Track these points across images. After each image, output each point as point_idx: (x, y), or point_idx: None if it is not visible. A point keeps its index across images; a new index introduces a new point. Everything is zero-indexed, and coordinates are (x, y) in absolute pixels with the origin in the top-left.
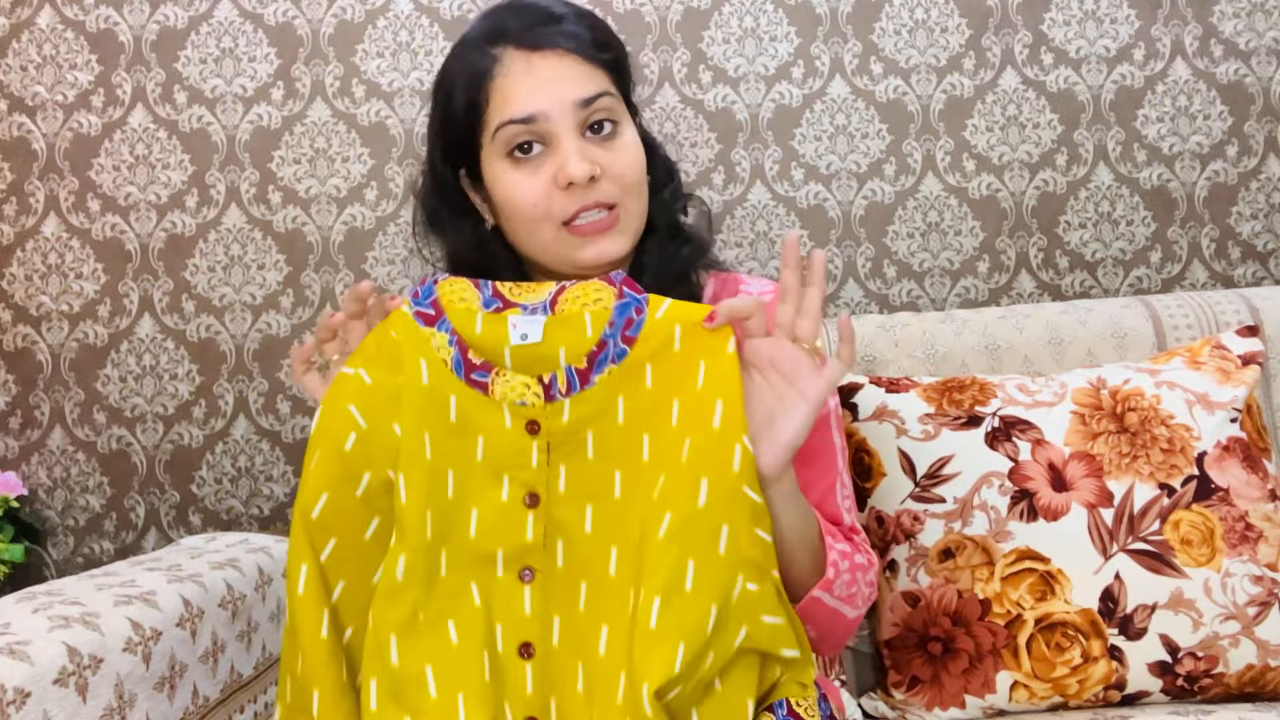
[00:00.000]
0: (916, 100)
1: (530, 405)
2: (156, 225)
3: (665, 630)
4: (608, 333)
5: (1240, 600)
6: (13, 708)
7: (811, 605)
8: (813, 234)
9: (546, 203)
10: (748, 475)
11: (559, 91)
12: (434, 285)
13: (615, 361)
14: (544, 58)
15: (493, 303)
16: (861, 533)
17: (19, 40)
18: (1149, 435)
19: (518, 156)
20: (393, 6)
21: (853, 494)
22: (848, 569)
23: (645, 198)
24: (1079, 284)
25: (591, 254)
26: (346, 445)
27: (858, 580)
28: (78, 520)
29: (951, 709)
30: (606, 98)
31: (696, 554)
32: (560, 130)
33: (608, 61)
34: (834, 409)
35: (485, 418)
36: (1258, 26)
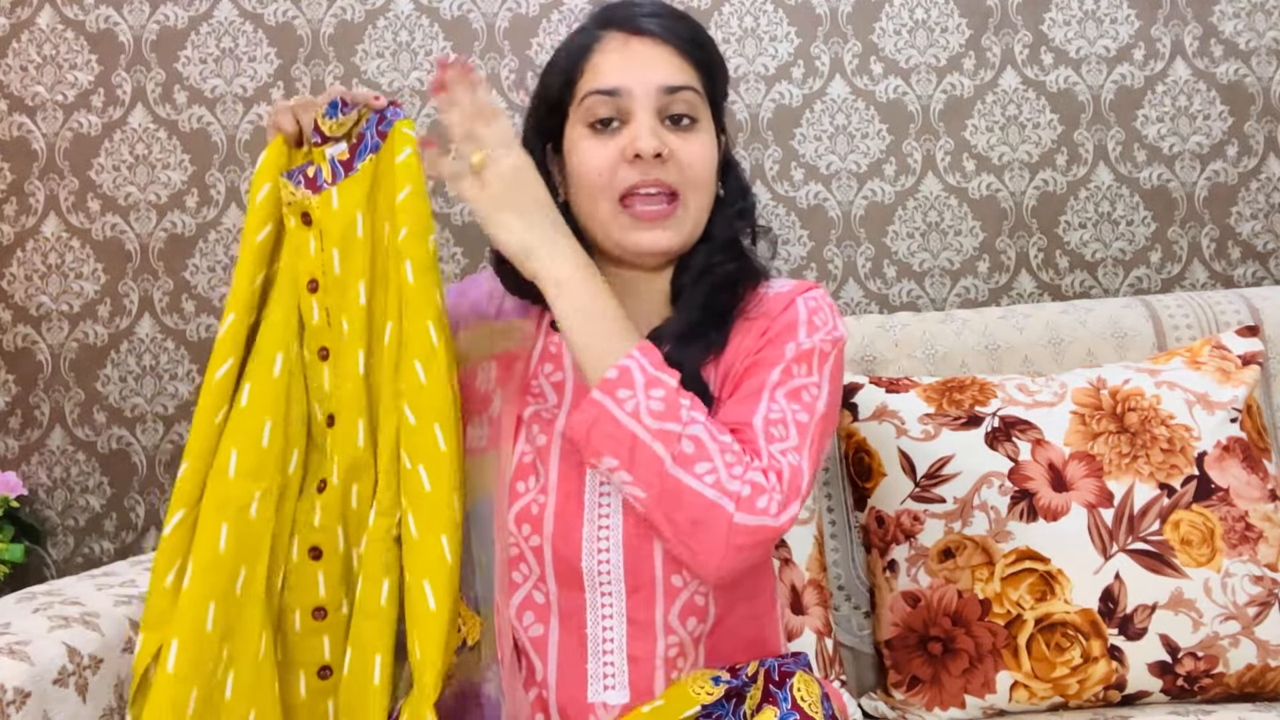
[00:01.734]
0: (916, 100)
1: (301, 199)
2: (156, 225)
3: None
4: (365, 127)
5: (1240, 600)
6: (13, 708)
7: (594, 414)
8: (813, 234)
9: (611, 173)
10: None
11: (647, 73)
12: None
13: (374, 151)
14: (641, 41)
15: (334, 114)
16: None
17: (19, 40)
18: (1149, 435)
19: (597, 128)
20: (393, 6)
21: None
22: (661, 399)
23: (708, 198)
24: (1079, 284)
25: (643, 240)
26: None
27: (692, 427)
28: (78, 520)
29: (951, 709)
30: (690, 92)
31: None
32: (639, 108)
33: (699, 60)
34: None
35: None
36: (1258, 26)
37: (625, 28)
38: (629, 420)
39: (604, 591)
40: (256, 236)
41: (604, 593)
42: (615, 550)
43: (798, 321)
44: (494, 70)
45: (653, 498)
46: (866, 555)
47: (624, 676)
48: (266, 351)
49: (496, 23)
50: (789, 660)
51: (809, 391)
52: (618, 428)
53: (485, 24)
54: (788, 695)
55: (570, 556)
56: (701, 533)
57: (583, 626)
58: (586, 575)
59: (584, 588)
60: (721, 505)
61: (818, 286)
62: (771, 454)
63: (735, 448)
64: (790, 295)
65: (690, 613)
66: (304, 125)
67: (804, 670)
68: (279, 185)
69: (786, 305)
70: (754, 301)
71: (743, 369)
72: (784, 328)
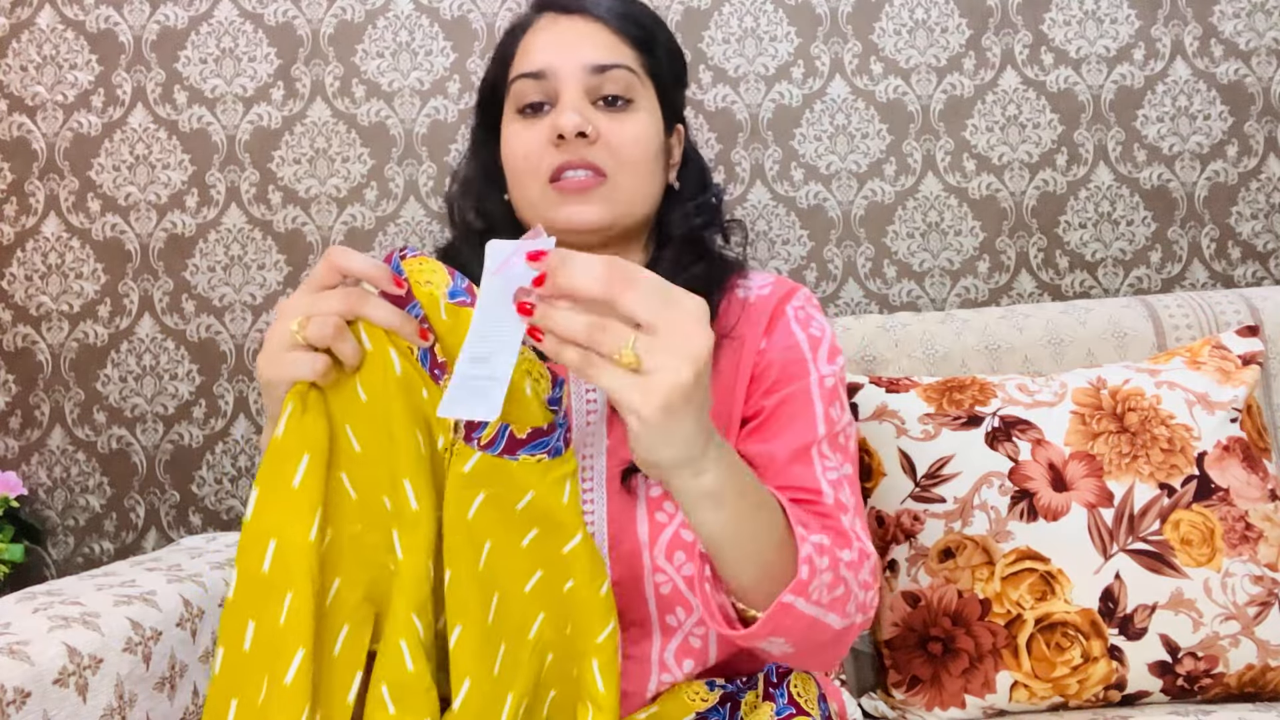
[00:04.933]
0: (916, 100)
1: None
2: (156, 225)
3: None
4: (560, 420)
5: (1240, 600)
6: (13, 708)
7: (782, 613)
8: (813, 234)
9: (538, 156)
10: None
11: (574, 52)
12: (400, 260)
13: (550, 455)
14: (571, 20)
15: (459, 294)
16: (850, 512)
17: (19, 40)
18: (1149, 435)
19: (527, 114)
20: (393, 6)
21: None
22: (828, 566)
23: (644, 183)
24: (1079, 284)
25: (565, 214)
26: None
27: (845, 580)
28: (78, 520)
29: (951, 709)
30: (623, 71)
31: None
32: (565, 89)
33: (636, 38)
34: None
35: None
36: (1258, 26)
37: (556, 7)
38: (813, 609)
39: None
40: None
41: None
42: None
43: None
44: None
45: (810, 649)
46: None
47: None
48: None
49: (497, 23)
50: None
51: (845, 433)
52: (801, 618)
53: (485, 24)
54: (784, 692)
55: None
56: (830, 650)
57: None
58: None
59: None
60: (854, 623)
61: (799, 287)
62: (858, 535)
63: (858, 563)
64: (772, 301)
65: (687, 654)
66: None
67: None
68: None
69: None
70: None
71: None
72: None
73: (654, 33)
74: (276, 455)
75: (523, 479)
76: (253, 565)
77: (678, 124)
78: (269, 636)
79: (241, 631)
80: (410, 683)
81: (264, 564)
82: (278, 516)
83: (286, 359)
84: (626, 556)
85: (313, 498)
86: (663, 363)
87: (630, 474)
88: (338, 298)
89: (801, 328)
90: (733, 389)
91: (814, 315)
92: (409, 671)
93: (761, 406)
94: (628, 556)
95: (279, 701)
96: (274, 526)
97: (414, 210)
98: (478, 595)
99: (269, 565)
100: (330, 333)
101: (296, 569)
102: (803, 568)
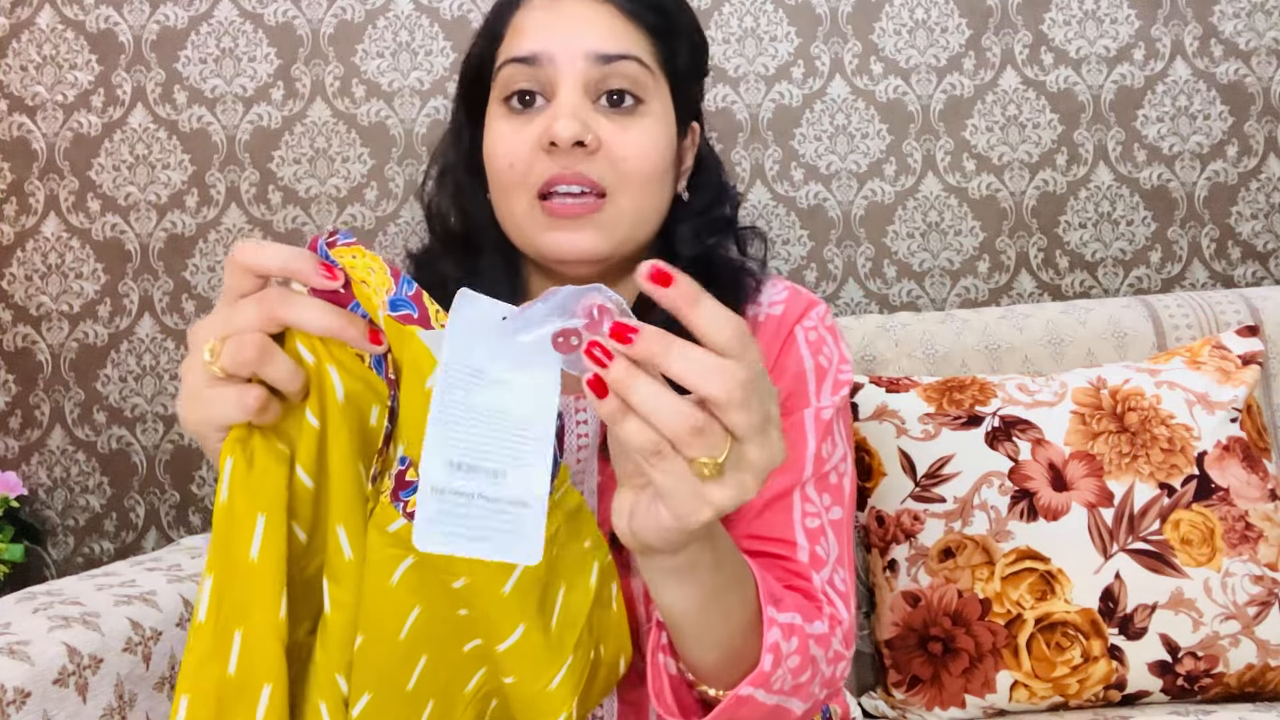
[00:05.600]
0: (916, 100)
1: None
2: (156, 225)
3: None
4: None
5: (1240, 600)
6: (13, 708)
7: (738, 704)
8: (813, 234)
9: (527, 165)
10: None
11: (575, 36)
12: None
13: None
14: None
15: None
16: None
17: (19, 40)
18: (1149, 435)
19: (515, 106)
20: (393, 6)
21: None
22: (795, 649)
23: (651, 200)
24: (1079, 284)
25: (554, 242)
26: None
27: (814, 660)
28: (78, 520)
29: (951, 709)
30: (633, 64)
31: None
32: (564, 81)
33: (652, 25)
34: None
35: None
36: (1258, 26)
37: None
38: (775, 698)
39: None
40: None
41: None
42: None
43: (805, 371)
44: None
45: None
46: (866, 555)
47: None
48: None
49: None
50: None
51: (836, 470)
52: (760, 708)
53: None
54: None
55: None
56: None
57: None
58: None
59: None
60: (819, 699)
61: (817, 304)
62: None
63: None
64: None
65: None
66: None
67: None
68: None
69: (785, 342)
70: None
71: None
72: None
73: (674, 17)
74: (224, 524)
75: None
76: (214, 671)
77: (692, 122)
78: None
79: None
80: None
81: (229, 666)
82: (239, 602)
83: (206, 398)
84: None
85: (277, 567)
86: (733, 482)
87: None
88: (252, 306)
89: (812, 353)
90: None
91: (825, 338)
92: None
93: None
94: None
95: None
96: (236, 616)
97: (414, 210)
98: (394, 661)
99: (234, 667)
100: (252, 355)
101: (267, 663)
102: (766, 657)
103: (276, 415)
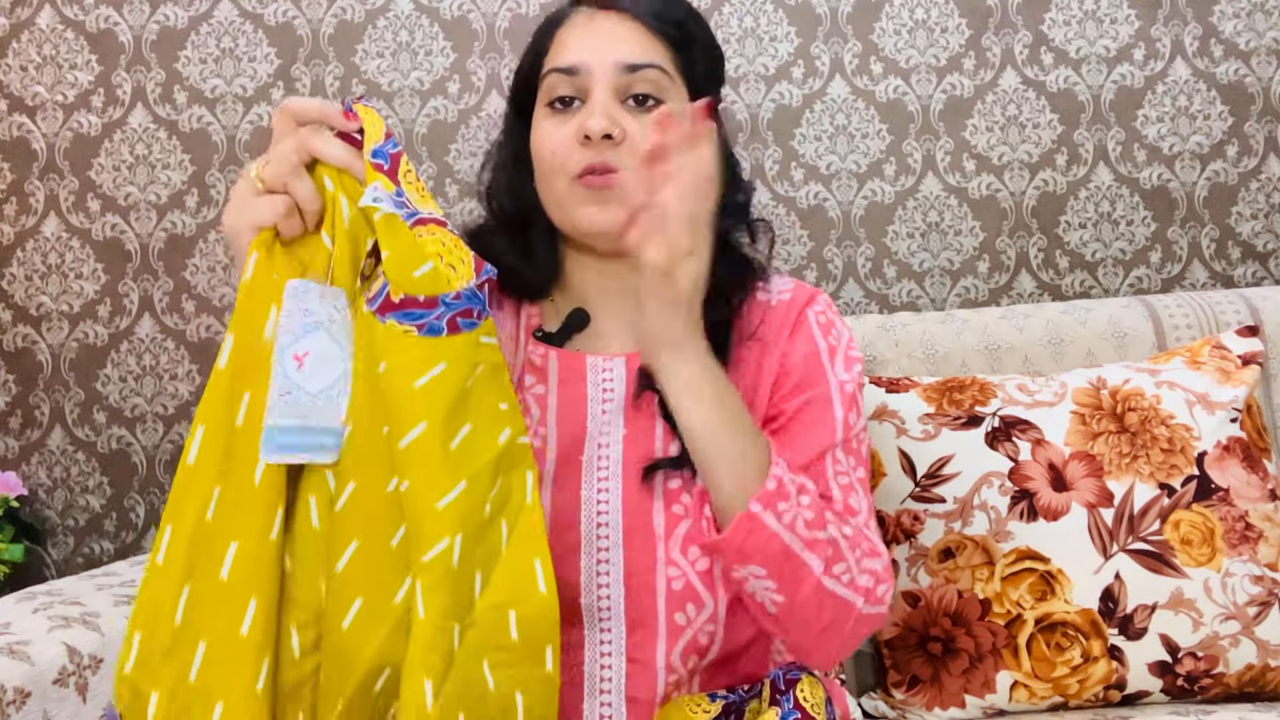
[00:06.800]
0: (916, 100)
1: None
2: (156, 225)
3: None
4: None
5: (1240, 600)
6: (13, 708)
7: (749, 525)
8: (813, 234)
9: (565, 154)
10: None
11: (607, 49)
12: (353, 104)
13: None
14: (606, 17)
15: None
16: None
17: (19, 40)
18: (1149, 435)
19: (557, 108)
20: (393, 6)
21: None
22: (809, 505)
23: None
24: (1079, 284)
25: (587, 216)
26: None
27: (836, 542)
28: (78, 520)
29: (951, 709)
30: (655, 71)
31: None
32: (597, 86)
33: (673, 38)
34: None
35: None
36: (1258, 26)
37: (595, 3)
38: (786, 533)
39: (603, 629)
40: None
41: (603, 629)
42: (616, 586)
43: (819, 351)
44: (494, 70)
45: (795, 603)
46: None
47: (621, 717)
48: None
49: (496, 23)
50: (794, 667)
51: (858, 438)
52: (773, 540)
53: (485, 24)
54: (791, 697)
55: (568, 593)
56: (831, 630)
57: (580, 665)
58: (586, 612)
59: (583, 625)
60: (854, 603)
61: (821, 292)
62: (867, 535)
63: (857, 540)
64: (795, 306)
65: (693, 651)
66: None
67: (809, 674)
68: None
69: (796, 323)
70: (754, 312)
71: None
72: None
73: (691, 31)
74: (246, 300)
75: (382, 346)
76: (224, 420)
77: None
78: (235, 502)
79: (204, 500)
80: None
81: (238, 417)
82: (252, 369)
83: (248, 205)
84: (640, 548)
85: None
86: (698, 251)
87: (651, 471)
88: (291, 140)
89: (822, 334)
90: (756, 388)
91: (834, 321)
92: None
93: (782, 410)
94: (641, 548)
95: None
96: (248, 379)
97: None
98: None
99: (243, 419)
100: (285, 169)
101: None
102: (770, 481)
103: (298, 230)
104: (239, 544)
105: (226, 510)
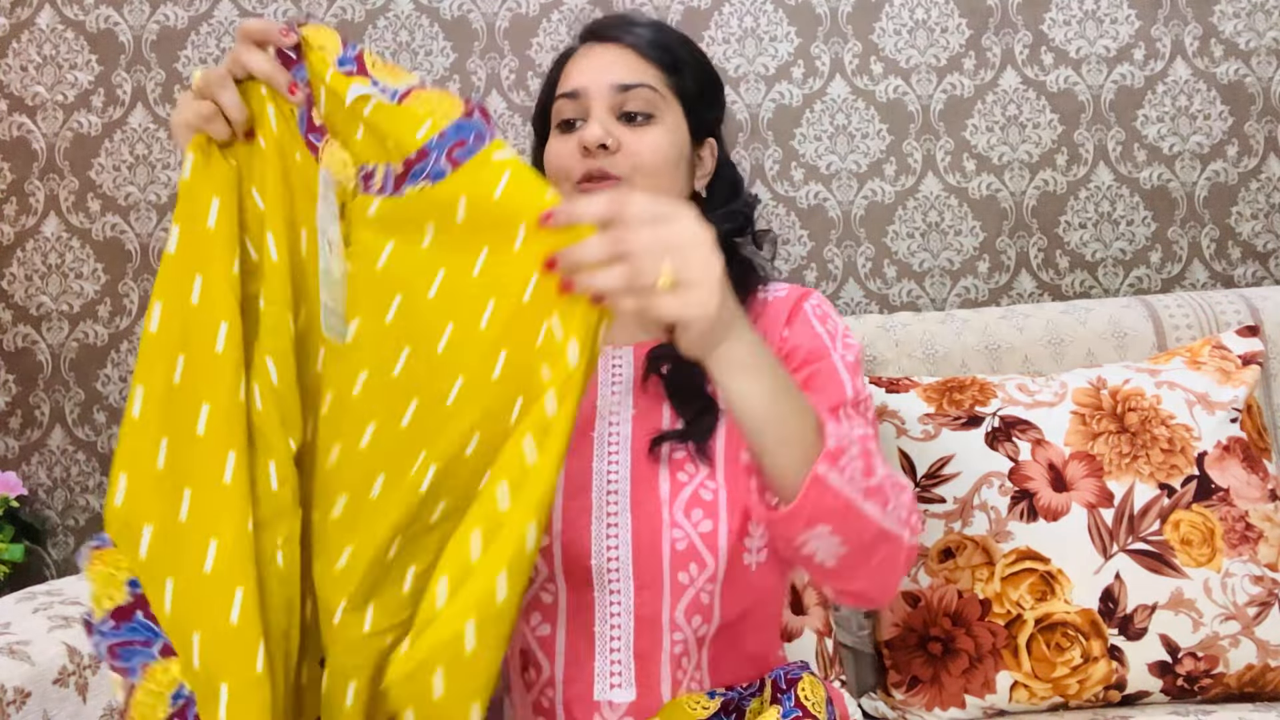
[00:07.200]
0: (916, 100)
1: (344, 187)
2: (156, 225)
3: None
4: (434, 142)
5: (1240, 600)
6: (13, 708)
7: (817, 488)
8: (812, 234)
9: (568, 164)
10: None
11: (603, 74)
12: (299, 25)
13: (431, 180)
14: (604, 47)
15: (348, 63)
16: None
17: (19, 40)
18: (1149, 435)
19: (564, 128)
20: (393, 6)
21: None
22: (858, 454)
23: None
24: (1079, 284)
25: None
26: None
27: (882, 483)
28: (78, 520)
29: (951, 709)
30: (645, 90)
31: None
32: (594, 105)
33: (663, 61)
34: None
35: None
36: (1258, 26)
37: (594, 37)
38: (848, 487)
39: (613, 589)
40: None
41: (613, 590)
42: (624, 548)
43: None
44: (494, 70)
45: (858, 549)
46: None
47: (630, 674)
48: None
49: (496, 23)
50: (795, 667)
51: (866, 404)
52: (837, 498)
53: (485, 24)
54: (792, 696)
55: (580, 555)
56: (887, 566)
57: (590, 625)
58: (596, 573)
59: (593, 586)
60: (902, 537)
61: (813, 290)
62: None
63: (892, 476)
64: (791, 299)
65: (695, 610)
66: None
67: (810, 674)
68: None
69: (792, 313)
70: (751, 310)
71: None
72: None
73: (680, 55)
74: (188, 197)
75: (419, 212)
76: (179, 297)
77: (709, 138)
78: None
79: (170, 365)
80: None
81: (192, 296)
82: (200, 253)
83: (182, 105)
84: (647, 514)
85: (230, 234)
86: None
87: (658, 443)
88: (228, 56)
89: (820, 323)
90: None
91: (829, 314)
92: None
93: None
94: (648, 514)
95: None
96: (198, 262)
97: None
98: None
99: (198, 297)
100: (214, 79)
101: (224, 302)
102: (830, 439)
103: (224, 134)
104: (210, 404)
105: (193, 374)
